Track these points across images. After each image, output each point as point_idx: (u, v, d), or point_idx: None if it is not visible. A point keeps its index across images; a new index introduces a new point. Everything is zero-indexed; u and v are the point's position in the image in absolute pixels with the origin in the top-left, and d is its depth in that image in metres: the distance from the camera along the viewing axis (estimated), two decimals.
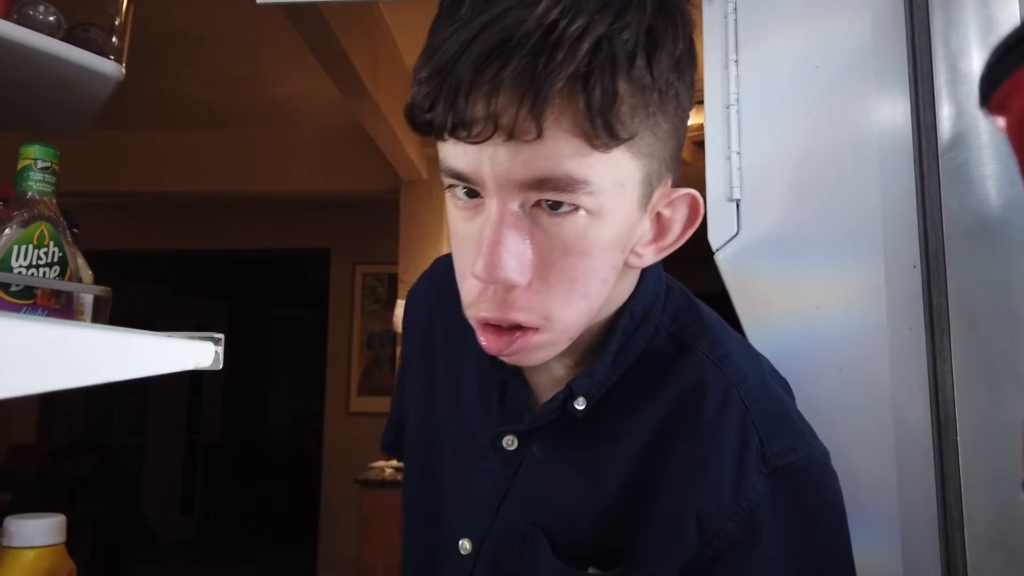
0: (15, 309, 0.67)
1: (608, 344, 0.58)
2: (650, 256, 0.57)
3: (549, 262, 0.50)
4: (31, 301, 0.69)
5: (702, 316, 0.63)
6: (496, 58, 0.44)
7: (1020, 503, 0.63)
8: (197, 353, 0.58)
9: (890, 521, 0.72)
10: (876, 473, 0.69)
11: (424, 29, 0.56)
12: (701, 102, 0.94)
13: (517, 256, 0.49)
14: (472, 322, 0.54)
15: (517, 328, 0.51)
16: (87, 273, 0.77)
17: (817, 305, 0.85)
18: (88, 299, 0.76)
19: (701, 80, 0.95)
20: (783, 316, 0.72)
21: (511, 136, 0.45)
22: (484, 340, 0.52)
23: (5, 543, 0.68)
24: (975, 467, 0.67)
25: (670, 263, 0.74)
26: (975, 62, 0.71)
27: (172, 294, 6.29)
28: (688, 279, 0.72)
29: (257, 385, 6.85)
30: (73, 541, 0.71)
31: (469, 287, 0.52)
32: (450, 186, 0.52)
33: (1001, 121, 0.33)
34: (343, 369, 4.95)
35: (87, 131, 0.99)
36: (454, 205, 0.52)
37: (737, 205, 0.91)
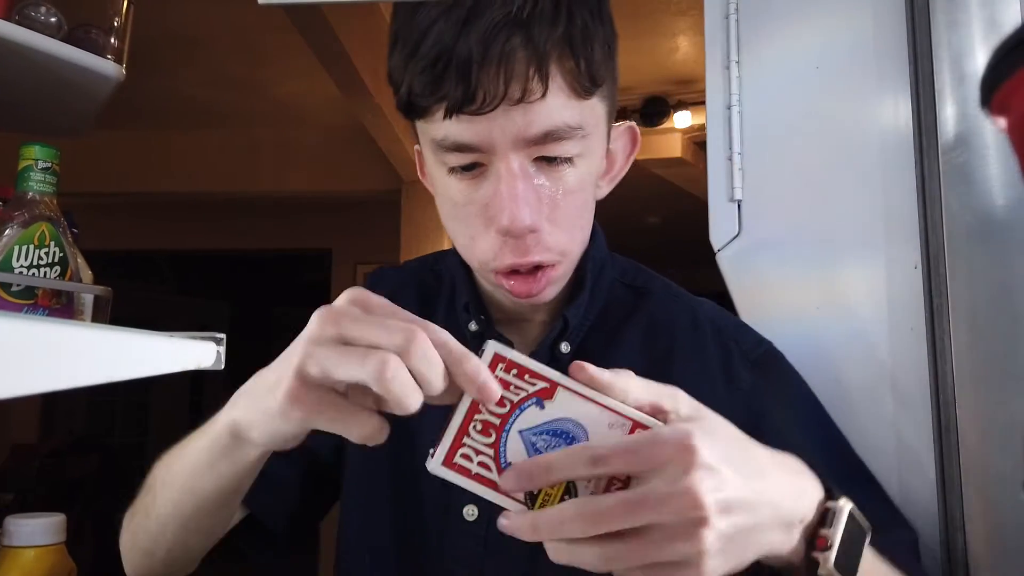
0: (16, 309, 0.68)
1: (583, 282, 0.66)
2: (605, 187, 0.66)
3: (554, 205, 0.57)
4: (32, 301, 0.69)
5: (645, 268, 0.73)
6: (499, 32, 0.51)
7: (1020, 503, 0.63)
8: (199, 353, 0.58)
9: None
10: (876, 473, 0.69)
11: None
12: (702, 103, 0.94)
13: (533, 205, 0.55)
14: (492, 276, 0.60)
15: (538, 268, 0.58)
16: (87, 273, 0.77)
17: (818, 305, 0.84)
18: (88, 299, 0.76)
19: (702, 81, 0.95)
20: (784, 316, 0.72)
21: (520, 99, 0.52)
22: (512, 286, 0.59)
23: (5, 543, 0.68)
24: (975, 467, 0.67)
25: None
26: (976, 63, 0.71)
27: (172, 294, 6.28)
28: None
29: None
30: (75, 541, 0.71)
31: (487, 245, 0.58)
32: (452, 168, 0.57)
33: (1002, 122, 0.33)
34: None
35: (87, 132, 0.98)
36: (454, 178, 0.58)
37: (738, 206, 0.91)
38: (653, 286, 0.71)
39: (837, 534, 0.46)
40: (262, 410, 0.44)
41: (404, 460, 0.66)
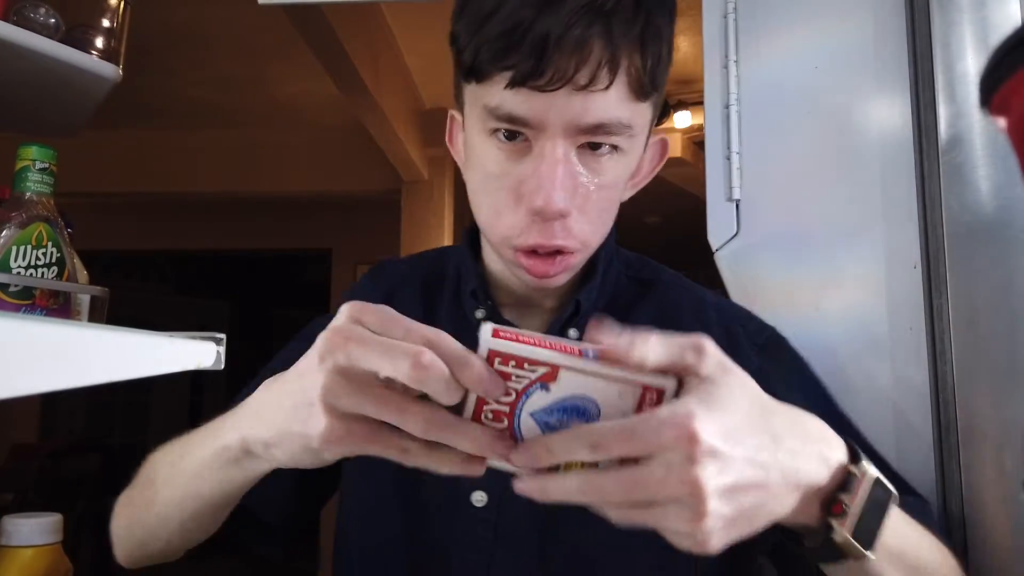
0: (14, 309, 0.68)
1: (595, 268, 0.67)
2: (628, 190, 0.67)
3: (587, 195, 0.58)
4: (30, 301, 0.69)
5: (651, 261, 0.75)
6: (581, 18, 0.52)
7: (1020, 503, 0.63)
8: (199, 353, 0.58)
9: None
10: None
11: (426, 30, 0.56)
12: (702, 103, 0.94)
13: (569, 191, 0.56)
14: (511, 252, 0.60)
15: (557, 253, 0.59)
16: (83, 274, 0.77)
17: (817, 305, 0.84)
18: (85, 299, 0.76)
19: (701, 81, 0.95)
20: (783, 316, 0.72)
21: (585, 86, 0.53)
22: (531, 265, 0.59)
23: (3, 542, 0.69)
24: (975, 467, 0.67)
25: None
26: (975, 63, 0.71)
27: (172, 294, 6.28)
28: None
29: None
30: (75, 541, 0.71)
31: (513, 221, 0.59)
32: (494, 130, 0.57)
33: (1002, 122, 0.33)
34: None
35: (80, 131, 0.99)
36: (493, 146, 0.58)
37: (737, 205, 0.91)
38: (659, 277, 0.72)
39: (855, 500, 0.45)
40: (294, 439, 0.44)
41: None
